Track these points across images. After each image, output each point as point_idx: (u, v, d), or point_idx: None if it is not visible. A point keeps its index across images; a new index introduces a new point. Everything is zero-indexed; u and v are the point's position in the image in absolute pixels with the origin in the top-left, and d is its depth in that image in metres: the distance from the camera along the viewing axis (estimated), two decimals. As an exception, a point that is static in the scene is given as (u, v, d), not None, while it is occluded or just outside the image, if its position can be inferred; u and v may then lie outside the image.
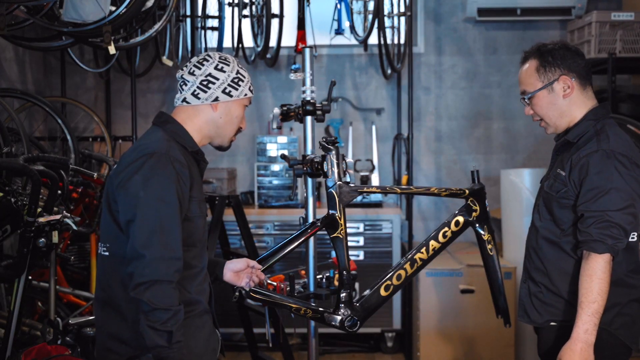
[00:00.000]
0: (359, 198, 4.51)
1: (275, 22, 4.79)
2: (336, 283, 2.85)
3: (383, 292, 2.67)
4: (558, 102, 2.26)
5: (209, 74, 2.11)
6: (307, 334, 3.14)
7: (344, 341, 4.78)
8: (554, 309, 2.27)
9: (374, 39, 4.96)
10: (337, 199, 2.64)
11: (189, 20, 4.96)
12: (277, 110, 3.12)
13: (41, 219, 2.83)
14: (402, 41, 4.93)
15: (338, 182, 2.65)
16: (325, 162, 2.67)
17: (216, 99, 2.12)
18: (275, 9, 4.80)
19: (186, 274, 2.01)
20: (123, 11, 3.35)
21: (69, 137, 4.33)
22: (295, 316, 2.64)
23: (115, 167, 2.09)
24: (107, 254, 2.04)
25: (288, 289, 2.68)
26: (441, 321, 4.26)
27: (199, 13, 5.03)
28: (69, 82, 5.19)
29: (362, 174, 5.05)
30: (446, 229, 2.74)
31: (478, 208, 2.76)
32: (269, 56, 4.89)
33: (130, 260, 1.92)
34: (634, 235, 2.18)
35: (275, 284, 2.65)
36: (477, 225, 2.77)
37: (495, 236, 2.84)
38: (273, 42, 4.82)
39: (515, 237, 4.27)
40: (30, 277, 2.91)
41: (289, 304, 2.58)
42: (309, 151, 3.05)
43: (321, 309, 2.62)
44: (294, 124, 5.18)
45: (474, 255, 4.01)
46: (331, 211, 2.64)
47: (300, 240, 2.65)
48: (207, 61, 2.13)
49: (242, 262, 2.38)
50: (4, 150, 3.28)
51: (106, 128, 4.95)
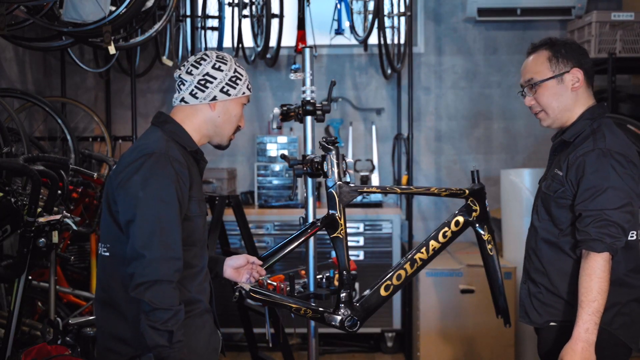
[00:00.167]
0: (359, 198, 4.51)
1: (275, 22, 4.79)
2: (336, 283, 2.85)
3: (383, 292, 2.67)
4: (565, 94, 2.26)
5: (207, 73, 2.11)
6: (307, 334, 3.14)
7: (344, 341, 4.78)
8: (553, 309, 2.27)
9: (374, 39, 4.96)
10: (337, 199, 2.64)
11: (189, 20, 4.96)
12: (277, 110, 3.12)
13: (41, 219, 2.83)
14: (402, 41, 4.93)
15: (338, 182, 2.65)
16: (325, 162, 2.67)
17: (214, 98, 2.12)
18: (275, 9, 4.80)
19: (186, 273, 2.02)
20: (123, 11, 3.35)
21: (69, 137, 4.33)
22: (295, 316, 2.64)
23: (114, 167, 2.09)
24: (107, 254, 2.04)
25: (288, 289, 2.68)
26: (441, 321, 4.26)
27: (199, 13, 5.03)
28: (69, 82, 5.19)
29: (362, 174, 5.05)
30: (446, 229, 2.74)
31: (478, 208, 2.76)
32: (269, 56, 4.89)
33: (130, 261, 1.92)
34: (633, 234, 2.18)
35: (275, 284, 2.64)
36: (477, 225, 2.77)
37: (495, 236, 2.84)
38: (273, 42, 4.82)
39: (515, 237, 4.27)
40: (30, 277, 2.90)
41: (289, 304, 2.57)
42: (309, 151, 3.05)
43: (321, 309, 2.62)
44: (294, 124, 5.18)
45: (474, 255, 4.01)
46: (331, 211, 2.64)
47: (300, 240, 2.65)
48: (205, 60, 2.12)
49: (241, 258, 2.38)
50: (4, 150, 3.28)
51: (106, 128, 4.95)
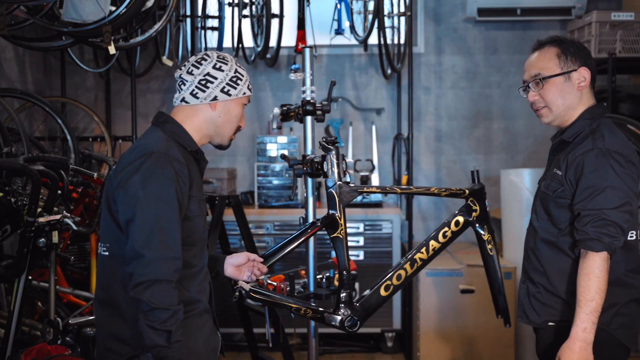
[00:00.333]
0: (359, 198, 4.51)
1: (275, 22, 4.79)
2: (336, 283, 2.85)
3: (383, 292, 2.67)
4: (571, 92, 2.26)
5: (207, 73, 2.11)
6: (307, 334, 3.14)
7: (344, 341, 4.78)
8: (552, 309, 2.26)
9: (374, 39, 4.96)
10: (337, 199, 2.64)
11: (189, 20, 4.96)
12: (277, 110, 3.12)
13: (41, 219, 2.83)
14: (402, 41, 4.93)
15: (338, 182, 2.65)
16: (325, 162, 2.67)
17: (215, 98, 2.12)
18: (275, 9, 4.80)
19: (186, 273, 2.01)
20: (123, 11, 3.35)
21: (69, 137, 4.33)
22: (295, 316, 2.64)
23: (114, 167, 2.09)
24: (106, 254, 2.04)
25: (288, 289, 2.68)
26: (441, 321, 4.26)
27: (199, 13, 5.03)
28: (69, 82, 5.19)
29: (362, 174, 5.05)
30: (446, 229, 2.74)
31: (478, 208, 2.76)
32: (269, 56, 4.89)
33: (129, 260, 1.92)
34: (632, 234, 2.18)
35: (275, 284, 2.64)
36: (477, 225, 2.77)
37: (495, 236, 2.84)
38: (273, 42, 4.82)
39: (515, 237, 4.27)
40: (30, 277, 2.90)
41: (289, 304, 2.57)
42: (309, 151, 3.05)
43: (321, 309, 2.62)
44: (294, 124, 5.18)
45: (474, 255, 4.01)
46: (331, 211, 2.64)
47: (300, 240, 2.65)
48: (205, 60, 2.12)
49: (242, 256, 2.38)
50: (4, 150, 3.28)
51: (106, 128, 4.95)
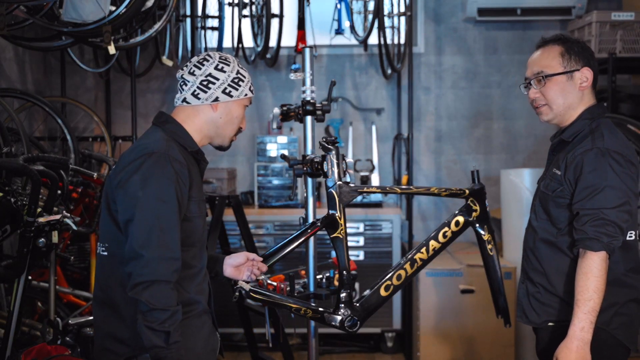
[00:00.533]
0: (359, 198, 4.51)
1: (275, 22, 4.79)
2: (336, 283, 2.85)
3: (383, 292, 2.67)
4: (573, 92, 2.26)
5: (209, 74, 2.10)
6: (307, 334, 3.14)
7: (344, 341, 4.78)
8: (551, 309, 2.27)
9: (374, 39, 4.96)
10: (337, 199, 2.64)
11: (189, 20, 4.96)
12: (277, 110, 3.12)
13: (41, 219, 2.83)
14: (402, 41, 4.93)
15: (338, 182, 2.65)
16: (325, 162, 2.67)
17: (216, 99, 2.11)
18: (275, 9, 4.80)
19: (185, 274, 2.01)
20: (123, 11, 3.35)
21: (69, 137, 4.33)
22: (295, 316, 2.64)
23: (114, 166, 2.08)
24: (106, 254, 2.04)
25: (288, 289, 2.68)
26: (441, 321, 4.26)
27: (199, 13, 5.03)
28: (69, 82, 5.19)
29: (362, 174, 5.05)
30: (446, 229, 2.74)
31: (478, 208, 2.76)
32: (269, 56, 4.89)
33: (128, 260, 1.91)
34: (631, 234, 2.18)
35: (275, 284, 2.65)
36: (477, 225, 2.77)
37: (495, 236, 2.84)
38: (273, 42, 4.82)
39: (515, 237, 4.27)
40: (30, 277, 2.90)
41: (289, 304, 2.57)
42: (309, 151, 3.05)
43: (321, 309, 2.62)
44: (294, 124, 5.18)
45: (474, 255, 4.01)
46: (331, 211, 2.64)
47: (300, 240, 2.65)
48: (208, 61, 2.12)
49: (241, 256, 2.38)
50: (4, 150, 3.28)
51: (106, 128, 4.95)
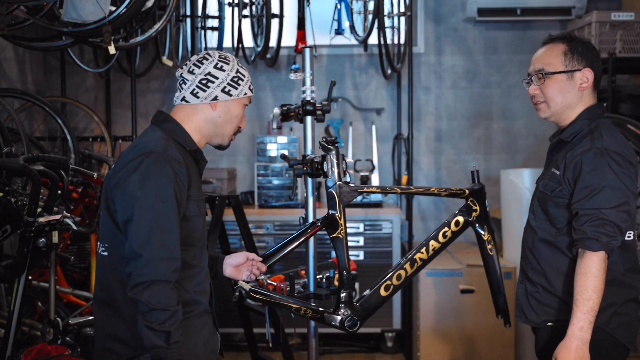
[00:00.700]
0: (359, 198, 4.51)
1: (275, 22, 4.79)
2: (336, 283, 2.85)
3: (383, 292, 2.67)
4: (572, 91, 2.26)
5: (209, 73, 2.10)
6: (307, 334, 3.14)
7: (344, 341, 4.78)
8: (550, 308, 2.27)
9: (374, 39, 4.95)
10: (337, 199, 2.64)
11: (189, 20, 4.96)
12: (277, 110, 3.12)
13: (41, 219, 2.83)
14: (402, 41, 4.93)
15: (338, 182, 2.65)
16: (325, 162, 2.67)
17: (215, 98, 2.10)
18: (275, 9, 4.79)
19: (185, 273, 2.01)
20: (123, 11, 3.35)
21: (69, 137, 4.33)
22: (295, 316, 2.64)
23: (113, 166, 2.08)
24: (106, 254, 2.03)
25: (288, 289, 2.68)
26: (441, 321, 4.26)
27: (199, 13, 5.03)
28: (69, 82, 5.19)
29: (362, 174, 5.05)
30: (446, 229, 2.74)
31: (478, 208, 2.76)
32: (269, 56, 4.89)
33: (128, 260, 1.91)
34: (630, 234, 2.18)
35: (275, 284, 2.64)
36: (477, 225, 2.77)
37: (495, 236, 2.84)
38: (273, 42, 4.82)
39: (515, 237, 4.25)
40: (30, 277, 2.91)
41: (289, 304, 2.57)
42: (309, 151, 3.05)
43: (321, 309, 2.62)
44: (294, 124, 5.18)
45: (474, 255, 4.01)
46: (331, 211, 2.64)
47: (300, 240, 2.65)
48: (207, 60, 2.11)
49: (241, 255, 2.38)
50: (4, 150, 3.28)
51: (106, 128, 4.95)
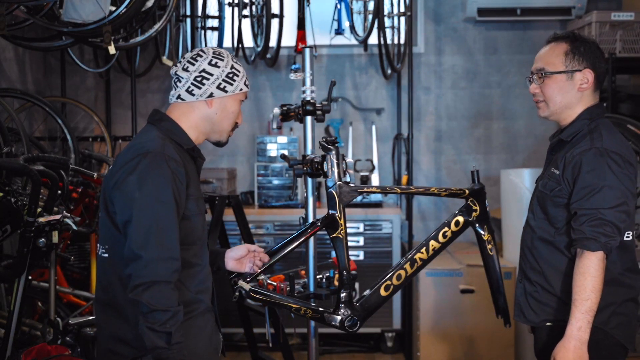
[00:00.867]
0: (359, 198, 4.51)
1: (275, 22, 4.78)
2: (336, 283, 2.85)
3: (383, 292, 2.67)
4: (571, 92, 2.25)
5: (203, 70, 2.08)
6: (307, 334, 3.14)
7: (344, 341, 4.78)
8: (549, 308, 2.27)
9: (374, 39, 4.95)
10: (337, 199, 2.64)
11: (189, 20, 4.96)
12: (277, 110, 3.12)
13: (41, 219, 2.83)
14: (402, 41, 4.93)
15: (338, 182, 2.65)
16: (325, 162, 2.67)
17: (211, 95, 2.09)
18: (275, 9, 4.79)
19: (186, 272, 2.01)
20: (123, 11, 3.35)
21: (69, 137, 4.33)
22: (295, 316, 2.64)
23: (111, 167, 2.07)
24: (106, 255, 2.02)
25: (288, 289, 2.68)
26: (441, 321, 4.26)
27: (199, 13, 5.03)
28: (69, 82, 5.19)
29: (362, 174, 5.05)
30: (446, 229, 2.74)
31: (478, 208, 2.76)
32: (269, 56, 4.89)
33: (128, 262, 1.90)
34: (629, 234, 2.18)
35: (275, 284, 2.64)
36: (477, 225, 2.77)
37: (495, 236, 2.84)
38: (273, 42, 4.82)
39: (515, 237, 4.23)
40: (30, 277, 2.91)
41: (289, 304, 2.57)
42: (309, 151, 3.05)
43: (321, 309, 2.62)
44: (294, 124, 5.17)
45: (474, 255, 4.01)
46: (331, 211, 2.64)
47: (300, 240, 2.65)
48: (201, 57, 2.09)
49: (242, 248, 2.37)
50: (4, 150, 3.28)
51: (106, 128, 4.95)
